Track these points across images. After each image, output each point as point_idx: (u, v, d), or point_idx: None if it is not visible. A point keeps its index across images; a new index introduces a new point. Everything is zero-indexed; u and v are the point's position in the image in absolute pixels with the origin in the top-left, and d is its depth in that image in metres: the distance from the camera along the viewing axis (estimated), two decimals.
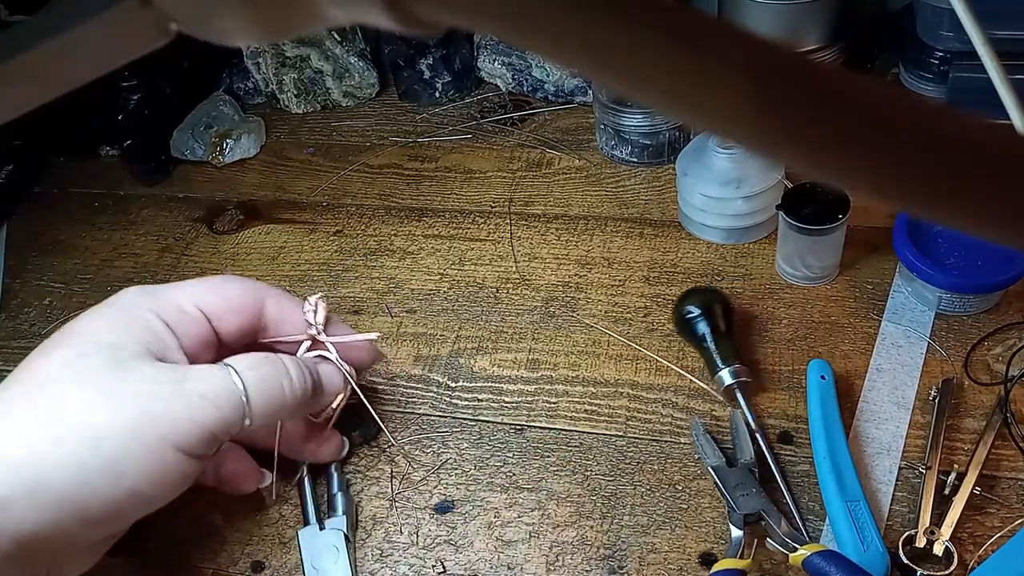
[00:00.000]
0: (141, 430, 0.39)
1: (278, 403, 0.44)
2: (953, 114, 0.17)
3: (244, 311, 0.48)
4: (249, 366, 0.43)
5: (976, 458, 0.53)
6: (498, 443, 0.60)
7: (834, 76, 0.17)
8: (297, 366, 0.45)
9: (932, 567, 0.49)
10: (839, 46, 0.79)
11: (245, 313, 0.48)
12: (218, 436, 0.41)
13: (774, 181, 0.68)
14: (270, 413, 0.43)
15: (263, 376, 0.43)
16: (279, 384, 0.44)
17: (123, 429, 0.38)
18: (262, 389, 0.43)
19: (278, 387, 0.44)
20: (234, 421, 0.42)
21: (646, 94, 0.17)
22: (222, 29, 0.19)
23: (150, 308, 0.44)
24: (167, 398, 0.40)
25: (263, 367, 0.43)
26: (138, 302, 0.44)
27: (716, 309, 0.61)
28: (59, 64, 0.21)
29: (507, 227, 0.76)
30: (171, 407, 0.40)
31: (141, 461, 0.39)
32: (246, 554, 0.55)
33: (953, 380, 0.58)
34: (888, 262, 0.67)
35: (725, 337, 0.60)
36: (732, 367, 0.58)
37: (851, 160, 0.17)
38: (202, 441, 0.41)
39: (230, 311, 0.48)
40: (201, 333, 0.46)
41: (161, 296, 0.45)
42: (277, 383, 0.44)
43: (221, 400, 0.41)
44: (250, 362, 0.43)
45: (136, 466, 0.39)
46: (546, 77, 0.88)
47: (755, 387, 0.60)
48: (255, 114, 0.94)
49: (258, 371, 0.43)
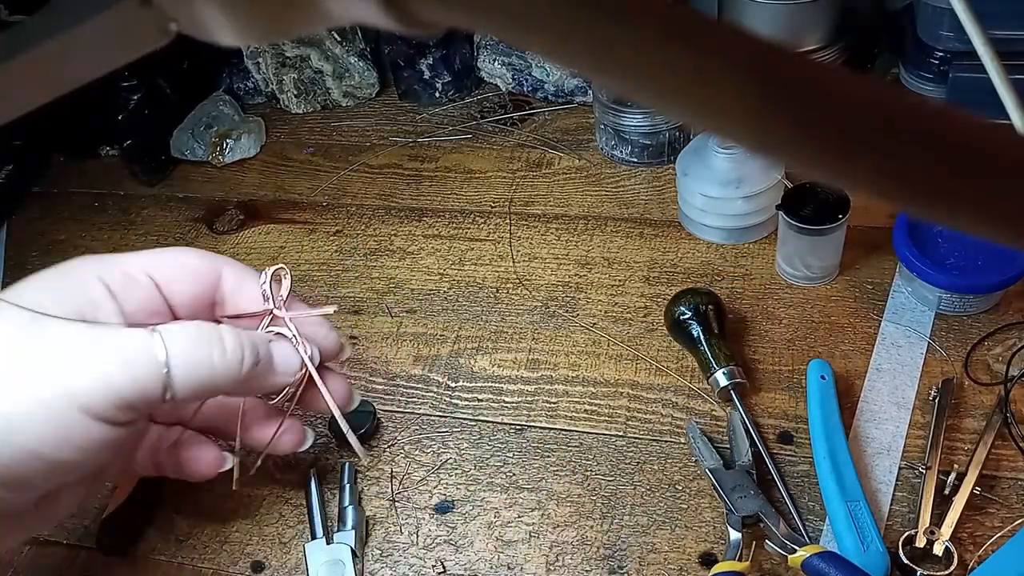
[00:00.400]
0: (42, 388, 0.36)
1: (206, 374, 0.40)
2: (953, 114, 0.17)
3: (198, 280, 0.45)
4: (177, 331, 0.40)
5: (976, 458, 0.53)
6: (498, 443, 0.60)
7: (834, 76, 0.17)
8: (235, 337, 0.41)
9: (932, 567, 0.49)
10: (839, 46, 0.79)
11: (199, 282, 0.46)
12: (133, 403, 0.38)
13: (774, 181, 0.68)
14: (197, 385, 0.40)
15: (190, 343, 0.39)
16: (208, 353, 0.40)
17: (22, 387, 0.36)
18: (188, 358, 0.39)
19: (206, 356, 0.40)
20: (151, 388, 0.38)
21: (646, 95, 0.17)
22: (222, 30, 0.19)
23: (93, 272, 0.42)
24: (77, 357, 0.37)
25: (192, 333, 0.40)
26: (83, 266, 0.42)
27: (708, 311, 0.61)
28: (59, 64, 0.21)
29: (507, 227, 0.76)
30: (79, 367, 0.37)
31: (40, 421, 0.36)
32: (246, 554, 0.55)
33: (953, 380, 0.57)
34: (888, 262, 0.67)
35: (719, 338, 0.60)
36: (727, 368, 0.58)
37: (851, 160, 0.17)
38: (113, 406, 0.37)
39: (182, 279, 0.45)
40: (148, 300, 0.43)
41: (109, 261, 0.43)
42: (206, 352, 0.40)
43: (136, 363, 0.38)
44: (180, 327, 0.40)
45: (34, 426, 0.36)
46: (546, 77, 0.88)
47: (754, 387, 0.60)
48: (255, 114, 0.94)
49: (185, 337, 0.39)
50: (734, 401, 0.58)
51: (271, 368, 0.44)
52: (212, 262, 0.46)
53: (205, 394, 0.43)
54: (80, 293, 0.40)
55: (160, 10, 0.19)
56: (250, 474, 0.52)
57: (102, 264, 0.43)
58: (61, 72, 0.22)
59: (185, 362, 0.39)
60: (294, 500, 0.57)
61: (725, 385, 0.58)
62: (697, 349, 0.60)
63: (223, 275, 0.46)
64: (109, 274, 0.42)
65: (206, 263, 0.46)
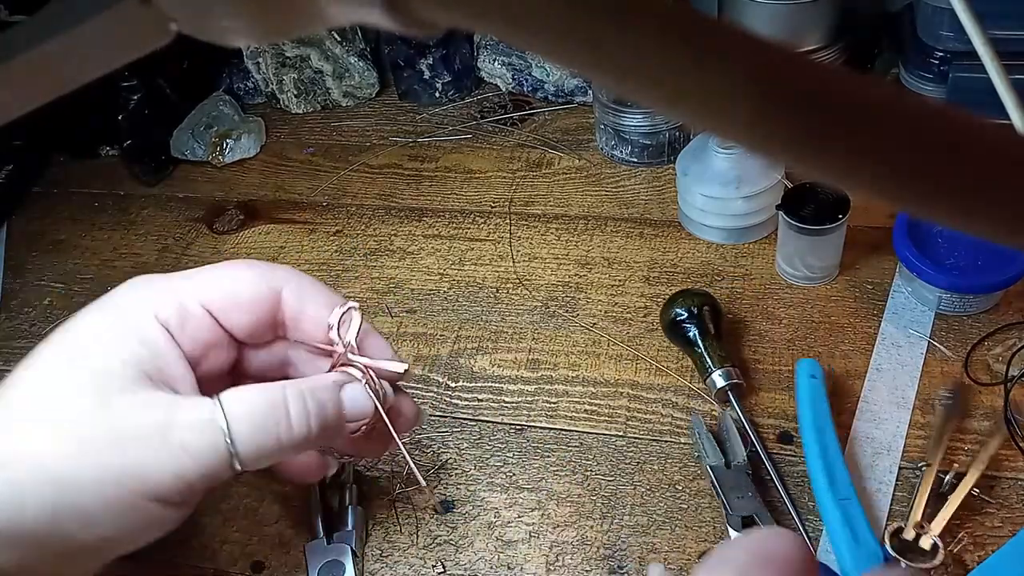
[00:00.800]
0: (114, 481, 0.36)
1: (272, 446, 0.39)
2: (953, 114, 0.17)
3: (255, 307, 0.43)
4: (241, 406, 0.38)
5: (978, 458, 0.53)
6: (498, 443, 0.60)
7: (835, 76, 0.17)
8: (300, 403, 0.39)
9: (916, 559, 0.49)
10: (839, 46, 0.79)
11: (256, 310, 0.43)
12: (199, 486, 0.37)
13: (774, 181, 0.68)
14: (263, 457, 0.39)
15: (254, 419, 0.38)
16: (274, 428, 0.38)
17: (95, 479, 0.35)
18: (252, 435, 0.38)
19: (272, 431, 0.38)
20: (219, 471, 0.37)
21: (646, 95, 0.17)
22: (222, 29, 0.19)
23: (149, 309, 0.40)
24: (146, 448, 0.36)
25: (256, 407, 0.38)
26: (137, 302, 0.40)
27: (704, 312, 0.61)
28: (59, 64, 0.21)
29: (507, 227, 0.76)
30: (149, 459, 0.36)
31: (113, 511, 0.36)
32: (246, 554, 0.55)
33: (965, 384, 0.57)
34: (888, 262, 0.67)
35: (715, 339, 0.60)
36: (724, 369, 0.58)
37: (851, 161, 0.17)
38: (181, 492, 0.37)
39: (238, 308, 0.42)
40: (206, 335, 0.42)
41: (164, 291, 0.41)
42: (271, 426, 0.38)
43: (204, 453, 0.37)
44: (243, 401, 0.38)
45: (107, 515, 0.36)
46: (546, 77, 0.88)
47: (754, 387, 0.60)
48: (255, 114, 0.94)
49: (249, 414, 0.38)
50: (731, 402, 0.58)
51: (341, 422, 0.42)
52: (270, 284, 0.43)
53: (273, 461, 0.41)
54: (140, 342, 0.39)
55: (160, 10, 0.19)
56: None
57: (157, 296, 0.41)
58: (61, 72, 0.22)
59: (249, 437, 0.38)
60: (294, 500, 0.57)
61: (722, 386, 0.58)
62: (693, 351, 0.60)
63: (283, 297, 0.43)
64: (165, 309, 0.40)
65: (263, 288, 0.43)
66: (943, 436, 0.54)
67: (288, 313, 0.44)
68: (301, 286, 0.44)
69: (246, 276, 0.43)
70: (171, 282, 0.42)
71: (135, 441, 0.36)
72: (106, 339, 0.38)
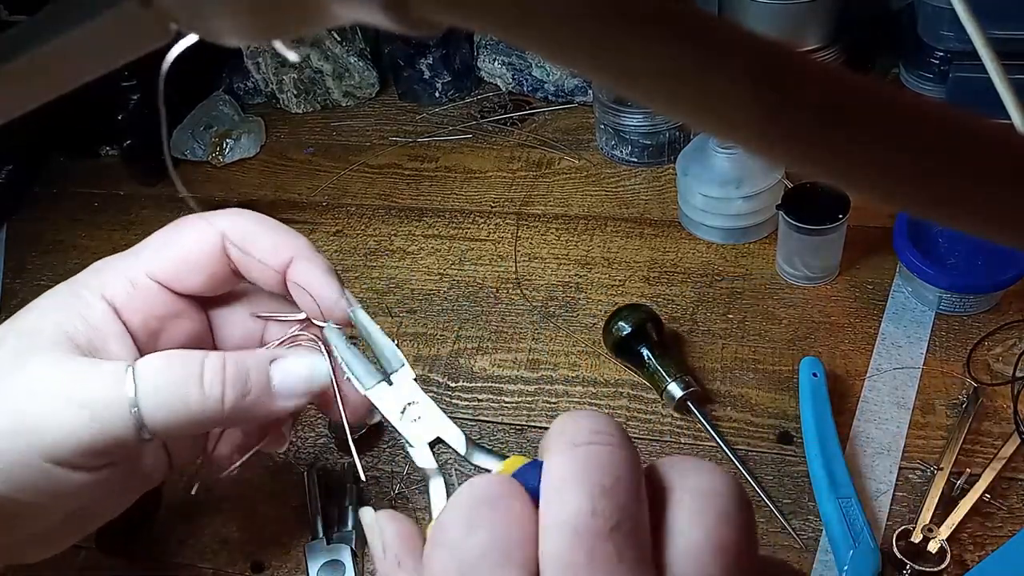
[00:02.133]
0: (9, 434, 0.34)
1: (181, 412, 0.36)
2: (954, 114, 0.17)
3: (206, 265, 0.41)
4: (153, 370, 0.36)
5: (993, 463, 0.53)
6: (498, 443, 0.59)
7: (835, 77, 0.16)
8: (217, 369, 0.37)
9: (924, 564, 0.49)
10: (839, 46, 0.79)
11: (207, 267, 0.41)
12: (102, 450, 0.35)
13: (774, 181, 0.68)
14: (172, 424, 0.36)
15: (166, 384, 0.36)
16: (183, 390, 0.36)
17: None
18: (160, 400, 0.36)
19: (180, 393, 0.36)
20: (123, 436, 0.35)
21: (646, 95, 0.17)
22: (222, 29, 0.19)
23: (97, 288, 0.39)
24: (46, 405, 0.35)
25: (164, 369, 0.36)
26: (89, 282, 0.39)
27: (648, 327, 0.61)
28: (59, 64, 0.21)
29: (507, 227, 0.76)
30: (46, 414, 0.35)
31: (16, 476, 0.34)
32: (246, 554, 0.55)
33: (981, 388, 0.57)
34: (888, 262, 0.67)
35: (665, 351, 0.60)
36: (679, 380, 0.58)
37: (852, 161, 0.17)
38: (79, 455, 0.35)
39: (188, 270, 0.40)
40: (159, 307, 0.40)
41: (115, 269, 0.40)
42: (181, 389, 0.36)
43: (102, 410, 0.35)
44: (157, 366, 0.36)
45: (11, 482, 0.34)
46: (546, 77, 0.88)
47: (755, 387, 0.60)
48: (255, 114, 0.94)
49: (161, 378, 0.36)
50: (693, 411, 0.57)
51: (268, 397, 0.39)
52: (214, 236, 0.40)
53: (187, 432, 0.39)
54: (77, 315, 0.38)
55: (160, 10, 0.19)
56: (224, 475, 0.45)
57: (107, 275, 0.40)
58: (61, 72, 0.22)
59: (157, 402, 0.36)
60: (294, 500, 0.57)
61: (681, 395, 0.57)
62: (645, 368, 0.60)
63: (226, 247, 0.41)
64: (113, 287, 0.39)
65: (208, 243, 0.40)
66: (957, 440, 0.54)
67: (234, 260, 0.41)
68: (243, 231, 0.41)
69: (188, 233, 0.41)
70: (123, 260, 0.41)
71: (37, 396, 0.35)
72: (48, 311, 0.38)
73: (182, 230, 0.42)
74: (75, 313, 0.38)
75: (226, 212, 0.42)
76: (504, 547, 0.23)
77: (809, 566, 0.51)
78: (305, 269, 0.41)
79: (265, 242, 0.41)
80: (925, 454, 0.55)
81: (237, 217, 0.42)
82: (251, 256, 0.40)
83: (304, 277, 0.40)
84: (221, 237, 0.41)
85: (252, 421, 0.42)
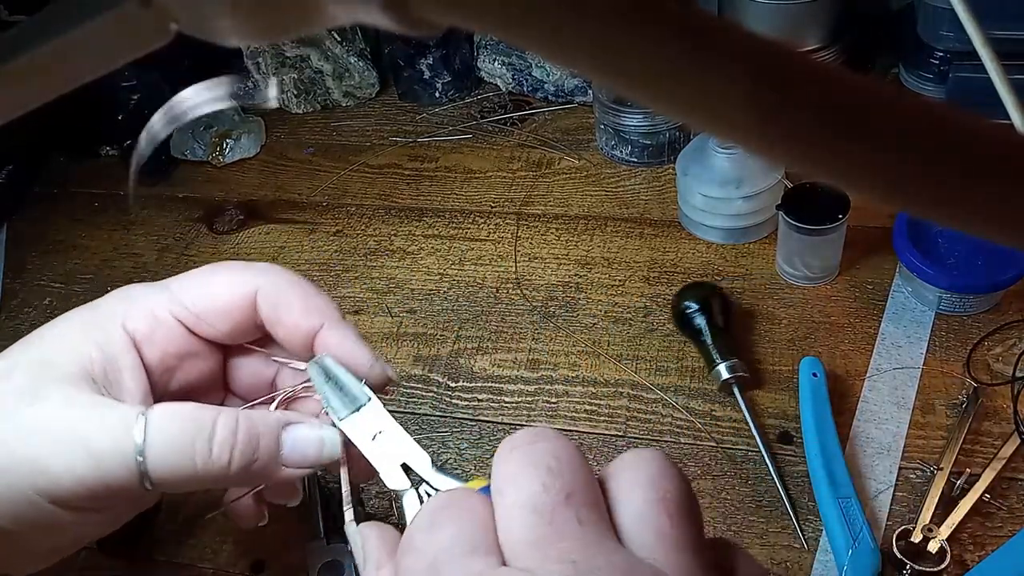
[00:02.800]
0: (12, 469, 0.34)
1: (186, 470, 0.36)
2: (954, 115, 0.17)
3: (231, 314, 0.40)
4: (164, 421, 0.36)
5: (993, 463, 0.53)
6: (498, 443, 0.59)
7: (837, 77, 0.16)
8: (228, 433, 0.36)
9: (923, 564, 0.49)
10: (839, 46, 0.79)
11: (232, 316, 0.41)
12: (102, 495, 0.35)
13: (774, 181, 0.68)
14: (176, 481, 0.36)
15: (174, 437, 0.35)
16: (191, 447, 0.36)
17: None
18: (167, 453, 0.35)
19: (189, 454, 0.36)
20: (126, 484, 0.35)
21: (647, 95, 0.17)
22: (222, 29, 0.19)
23: (120, 317, 0.39)
24: (52, 443, 0.35)
25: (179, 426, 0.36)
26: (110, 310, 0.39)
27: (714, 304, 0.61)
28: (59, 64, 0.21)
29: (507, 227, 0.76)
30: (51, 454, 0.34)
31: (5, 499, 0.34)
32: (246, 554, 0.55)
33: (982, 388, 0.57)
34: (888, 262, 0.67)
35: (722, 332, 0.60)
36: (729, 362, 0.58)
37: (852, 162, 0.17)
38: (79, 497, 0.35)
39: (214, 314, 0.40)
40: (177, 345, 0.40)
41: (136, 301, 0.40)
42: (189, 446, 0.36)
43: (108, 459, 0.34)
44: (169, 416, 0.36)
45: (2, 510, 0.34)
46: (546, 77, 0.88)
47: (755, 387, 0.60)
48: (255, 114, 0.94)
49: (170, 431, 0.35)
50: (736, 395, 0.58)
51: (275, 465, 0.38)
52: (245, 287, 0.40)
53: (189, 488, 0.38)
54: (96, 344, 0.37)
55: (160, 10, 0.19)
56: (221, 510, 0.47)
57: (131, 306, 0.39)
58: (61, 72, 0.22)
59: (164, 456, 0.35)
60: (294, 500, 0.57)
61: (727, 378, 0.58)
62: (700, 342, 0.60)
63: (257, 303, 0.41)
64: (134, 320, 0.39)
65: (238, 292, 0.40)
66: (957, 440, 0.54)
67: (263, 318, 0.41)
68: (276, 290, 0.41)
69: (222, 280, 0.41)
70: (147, 291, 0.40)
71: (44, 434, 0.35)
72: (65, 337, 0.38)
73: (217, 274, 0.41)
74: (93, 342, 0.38)
75: (264, 267, 0.42)
76: (469, 538, 0.25)
77: (809, 566, 0.51)
78: (336, 337, 0.41)
79: (298, 305, 0.41)
80: (925, 454, 0.55)
81: (274, 275, 0.41)
82: (281, 317, 0.41)
83: (336, 346, 0.40)
84: (255, 291, 0.41)
85: (256, 483, 0.42)
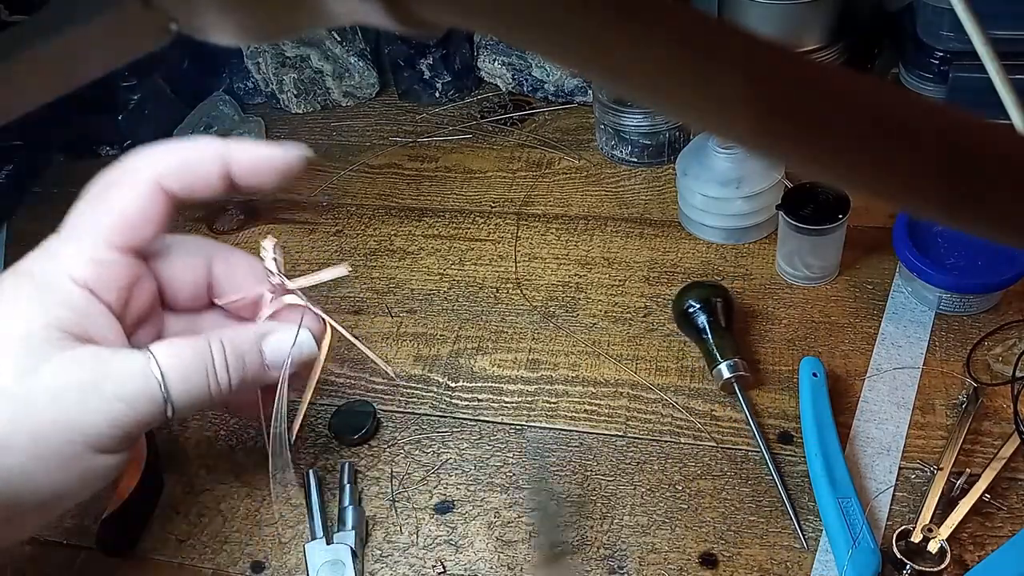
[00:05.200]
0: (52, 436, 0.37)
1: (203, 395, 0.40)
2: (955, 115, 0.17)
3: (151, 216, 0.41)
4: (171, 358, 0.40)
5: (993, 463, 0.53)
6: (498, 443, 0.59)
7: (836, 77, 0.17)
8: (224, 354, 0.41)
9: (923, 564, 0.49)
10: (839, 46, 0.79)
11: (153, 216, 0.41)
12: (134, 433, 0.39)
13: (774, 181, 0.68)
14: (195, 405, 0.41)
15: (186, 370, 0.40)
16: (203, 375, 0.40)
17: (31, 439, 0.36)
18: (184, 385, 0.40)
19: (201, 378, 0.40)
20: (154, 418, 0.39)
21: (646, 95, 0.17)
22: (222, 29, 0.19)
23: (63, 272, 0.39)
24: (81, 401, 0.37)
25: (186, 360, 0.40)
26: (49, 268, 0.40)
27: (716, 303, 0.61)
28: (60, 64, 0.21)
29: (507, 227, 0.76)
30: (85, 410, 0.37)
31: (53, 465, 0.37)
32: (246, 554, 0.55)
33: (981, 388, 0.57)
34: (888, 262, 0.67)
35: (724, 331, 0.60)
36: (731, 361, 0.58)
37: (852, 161, 0.17)
38: (118, 440, 0.38)
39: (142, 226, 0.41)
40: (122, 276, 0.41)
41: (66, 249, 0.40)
42: (201, 374, 0.40)
43: (140, 402, 0.38)
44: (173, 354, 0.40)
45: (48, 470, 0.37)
46: (546, 77, 0.88)
47: (755, 387, 0.60)
48: (255, 114, 0.94)
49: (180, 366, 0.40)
50: (736, 394, 0.58)
51: (262, 370, 0.43)
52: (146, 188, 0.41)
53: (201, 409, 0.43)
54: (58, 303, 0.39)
55: (160, 10, 0.19)
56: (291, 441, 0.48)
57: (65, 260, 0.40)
58: (61, 72, 0.22)
59: (181, 389, 0.40)
60: (294, 500, 0.57)
61: (728, 377, 0.58)
62: (702, 340, 0.60)
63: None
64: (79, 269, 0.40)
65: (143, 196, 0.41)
66: (957, 440, 0.54)
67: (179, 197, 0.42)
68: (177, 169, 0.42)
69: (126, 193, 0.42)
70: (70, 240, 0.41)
71: (69, 394, 0.37)
72: (25, 308, 0.38)
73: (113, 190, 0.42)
74: (54, 303, 0.39)
75: (145, 153, 0.42)
76: None
77: (809, 566, 0.51)
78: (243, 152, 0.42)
79: (199, 169, 0.42)
80: (925, 454, 0.55)
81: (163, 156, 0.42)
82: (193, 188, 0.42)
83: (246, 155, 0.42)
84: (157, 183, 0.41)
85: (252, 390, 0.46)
